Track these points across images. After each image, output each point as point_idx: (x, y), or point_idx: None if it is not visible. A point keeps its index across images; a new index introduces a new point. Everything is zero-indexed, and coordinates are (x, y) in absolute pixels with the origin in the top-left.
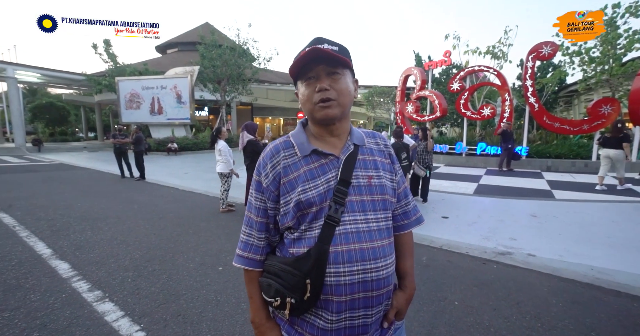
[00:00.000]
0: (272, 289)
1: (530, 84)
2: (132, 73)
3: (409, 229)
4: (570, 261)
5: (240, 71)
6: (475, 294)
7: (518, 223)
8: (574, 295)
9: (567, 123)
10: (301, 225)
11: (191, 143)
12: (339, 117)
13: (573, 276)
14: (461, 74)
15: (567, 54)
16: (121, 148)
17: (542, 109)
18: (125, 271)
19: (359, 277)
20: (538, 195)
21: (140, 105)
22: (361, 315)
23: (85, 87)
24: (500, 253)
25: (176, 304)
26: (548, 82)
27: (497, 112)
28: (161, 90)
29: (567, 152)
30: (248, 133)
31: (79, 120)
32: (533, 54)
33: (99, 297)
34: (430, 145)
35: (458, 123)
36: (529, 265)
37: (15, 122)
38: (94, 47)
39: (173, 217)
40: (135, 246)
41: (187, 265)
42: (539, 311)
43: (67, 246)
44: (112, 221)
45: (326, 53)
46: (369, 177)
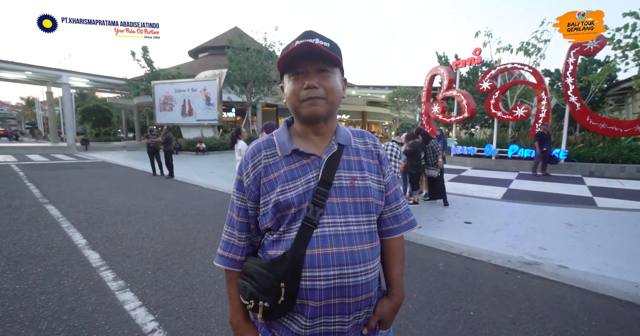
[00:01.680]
0: (247, 291)
1: (571, 81)
2: (166, 77)
3: (399, 233)
4: (609, 276)
5: (266, 73)
6: (494, 305)
7: (550, 231)
8: (612, 313)
9: (616, 124)
10: (280, 226)
11: (218, 144)
12: (325, 115)
13: (612, 293)
14: (492, 72)
15: (618, 47)
16: (154, 147)
17: (584, 109)
18: (147, 264)
19: (335, 282)
20: (577, 202)
21: (172, 107)
22: (337, 322)
23: (125, 90)
24: (526, 262)
25: (189, 298)
26: (594, 79)
27: (532, 113)
28: (192, 92)
29: (616, 155)
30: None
31: (120, 122)
32: (576, 49)
33: (121, 287)
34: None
35: (489, 124)
36: (559, 277)
37: (68, 124)
38: (132, 54)
39: (195, 214)
40: (158, 240)
41: (203, 261)
42: (567, 328)
43: (100, 237)
44: (140, 216)
45: (318, 49)
46: (353, 178)
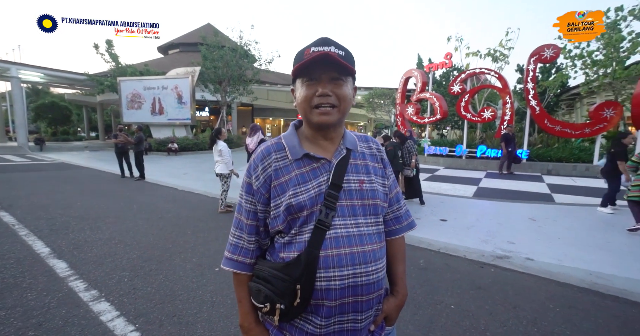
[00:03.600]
0: (262, 295)
1: (532, 86)
2: (134, 73)
3: (401, 234)
4: (568, 265)
5: (242, 72)
6: (472, 298)
7: (517, 226)
8: (572, 299)
9: (569, 127)
10: (292, 229)
11: (191, 144)
12: (336, 123)
13: (571, 280)
14: (462, 77)
15: (569, 57)
16: (122, 148)
17: (543, 112)
18: (122, 271)
19: (349, 281)
20: (538, 199)
21: (141, 105)
22: (350, 319)
23: (87, 87)
24: (498, 256)
25: (172, 304)
26: (550, 85)
27: (498, 115)
28: (162, 90)
29: (569, 155)
30: (254, 135)
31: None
32: (535, 57)
33: (95, 297)
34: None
35: (459, 126)
36: (526, 269)
37: (18, 121)
38: (96, 47)
39: (172, 217)
40: (133, 246)
41: (184, 266)
42: (536, 316)
43: (66, 245)
44: (111, 220)
45: (334, 59)
46: (361, 182)
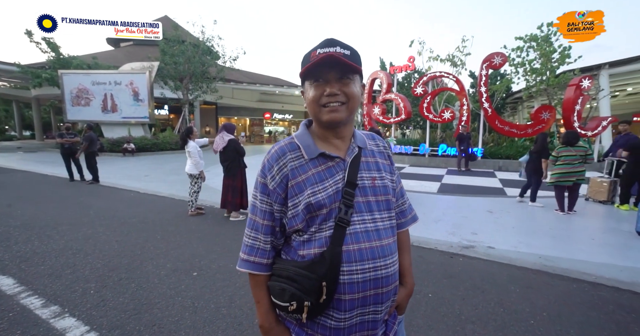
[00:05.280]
0: (287, 293)
1: (485, 90)
2: (80, 66)
3: (406, 227)
4: (523, 251)
5: (205, 69)
6: (446, 286)
7: (478, 219)
8: (528, 280)
9: (515, 127)
10: (310, 227)
11: (150, 144)
12: (345, 121)
13: (526, 264)
14: (424, 79)
15: (513, 64)
16: (71, 149)
17: (494, 114)
18: (87, 283)
19: (371, 275)
20: (493, 193)
21: (90, 102)
22: (371, 311)
23: (18, 79)
24: (464, 247)
25: (149, 313)
26: (497, 89)
27: (457, 116)
28: (115, 86)
29: (515, 153)
30: (228, 133)
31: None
32: (486, 63)
33: (57, 313)
34: None
35: (420, 126)
36: (489, 256)
37: None
38: (28, 34)
39: (137, 222)
40: (95, 255)
41: (157, 272)
42: (501, 297)
43: (9, 259)
44: (64, 228)
45: (339, 60)
46: (373, 179)
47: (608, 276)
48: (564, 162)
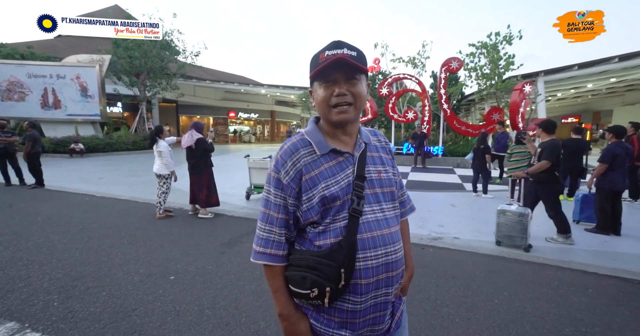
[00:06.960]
0: (308, 281)
1: (444, 92)
2: (11, 55)
3: (406, 216)
4: (483, 240)
5: (163, 64)
6: (421, 275)
7: (442, 212)
8: (490, 265)
9: (471, 127)
10: (325, 219)
11: (103, 144)
12: (353, 119)
13: (486, 251)
14: (389, 80)
15: (467, 69)
16: (6, 149)
17: (452, 115)
18: (47, 295)
19: (383, 260)
20: (454, 188)
21: (25, 97)
22: (383, 293)
23: None
24: (433, 238)
25: (128, 321)
26: (453, 91)
27: (419, 116)
28: (58, 79)
29: (470, 151)
30: (197, 132)
31: None
32: (445, 67)
33: (15, 329)
34: None
35: (385, 125)
36: (455, 246)
37: None
38: None
39: (98, 228)
40: (52, 265)
41: (130, 279)
42: (469, 282)
43: None
44: (8, 238)
45: (347, 61)
46: (379, 172)
47: (552, 258)
48: (516, 158)
